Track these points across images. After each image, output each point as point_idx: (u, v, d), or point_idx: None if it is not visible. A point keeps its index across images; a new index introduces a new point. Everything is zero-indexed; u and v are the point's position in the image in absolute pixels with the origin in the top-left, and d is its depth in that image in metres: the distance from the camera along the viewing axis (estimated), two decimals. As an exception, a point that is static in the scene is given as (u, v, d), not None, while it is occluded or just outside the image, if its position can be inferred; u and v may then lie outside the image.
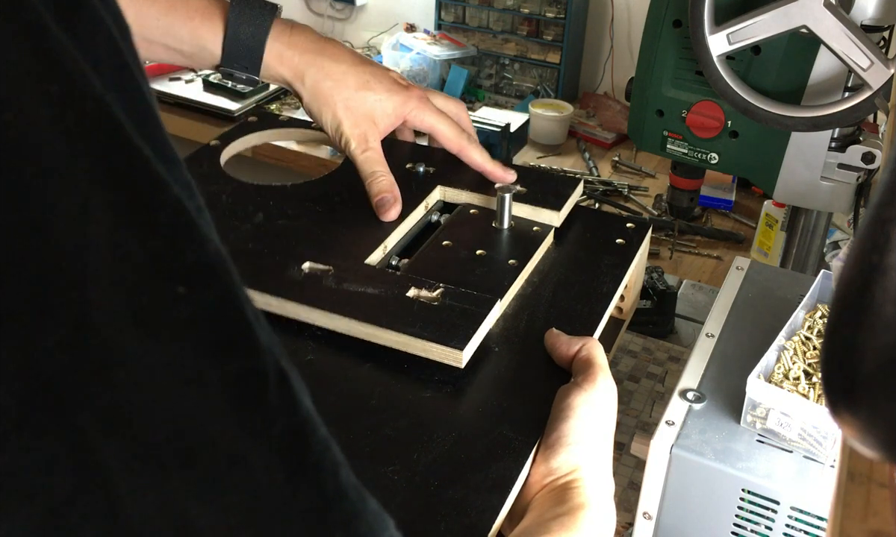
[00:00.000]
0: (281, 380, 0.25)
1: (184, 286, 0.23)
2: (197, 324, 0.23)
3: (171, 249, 0.23)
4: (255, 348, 0.25)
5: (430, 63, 2.05)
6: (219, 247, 0.25)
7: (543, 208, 0.75)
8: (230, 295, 0.25)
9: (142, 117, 0.25)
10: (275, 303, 0.63)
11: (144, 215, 0.23)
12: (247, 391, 0.24)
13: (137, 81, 0.25)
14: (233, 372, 0.24)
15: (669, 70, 1.03)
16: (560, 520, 0.49)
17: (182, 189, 0.25)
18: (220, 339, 0.24)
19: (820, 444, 0.66)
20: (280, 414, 0.25)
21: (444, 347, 0.57)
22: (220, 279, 0.24)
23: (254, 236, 0.71)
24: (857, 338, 0.24)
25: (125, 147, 0.23)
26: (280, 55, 0.73)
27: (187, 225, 0.24)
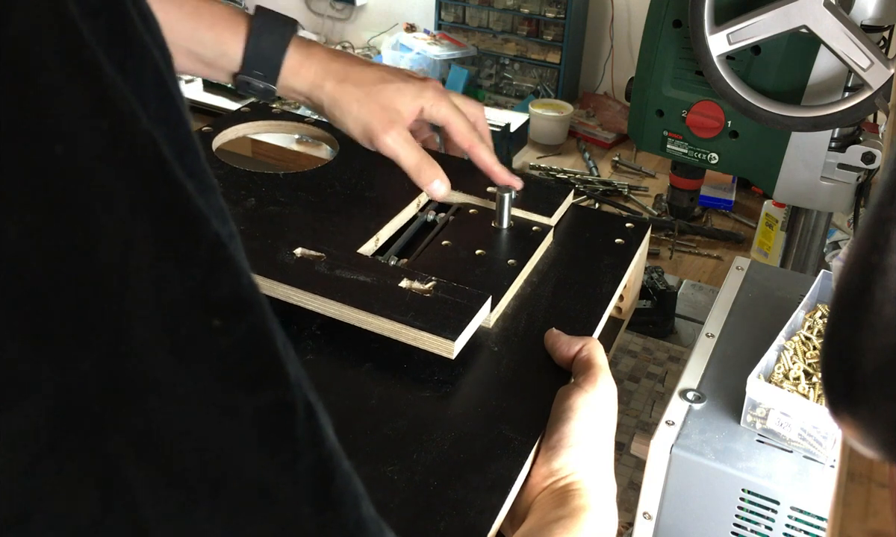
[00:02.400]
0: (309, 414, 0.26)
1: (219, 319, 0.24)
2: (230, 355, 0.24)
3: (208, 282, 0.24)
4: (285, 381, 0.25)
5: (430, 63, 2.05)
6: (252, 281, 0.25)
7: (534, 213, 0.76)
8: (262, 328, 0.25)
9: (183, 147, 0.25)
10: (266, 285, 0.63)
11: (185, 248, 0.24)
12: (277, 423, 0.25)
13: (180, 111, 0.26)
14: (264, 404, 0.24)
15: (669, 70, 1.03)
16: (562, 522, 0.49)
17: (216, 216, 0.25)
18: (253, 371, 0.24)
19: (820, 444, 0.66)
20: (308, 448, 0.25)
21: (436, 337, 0.57)
22: (253, 312, 0.25)
23: (245, 220, 0.71)
24: (857, 338, 0.24)
25: (170, 182, 0.24)
26: (299, 64, 0.75)
27: (225, 259, 0.25)
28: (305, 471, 0.25)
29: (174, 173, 0.24)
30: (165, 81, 0.25)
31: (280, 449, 0.25)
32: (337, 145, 0.87)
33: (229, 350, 0.24)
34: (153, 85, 0.25)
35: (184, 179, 0.24)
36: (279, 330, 0.26)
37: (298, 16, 2.49)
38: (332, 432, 0.27)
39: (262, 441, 0.24)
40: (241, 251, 0.27)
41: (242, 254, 0.27)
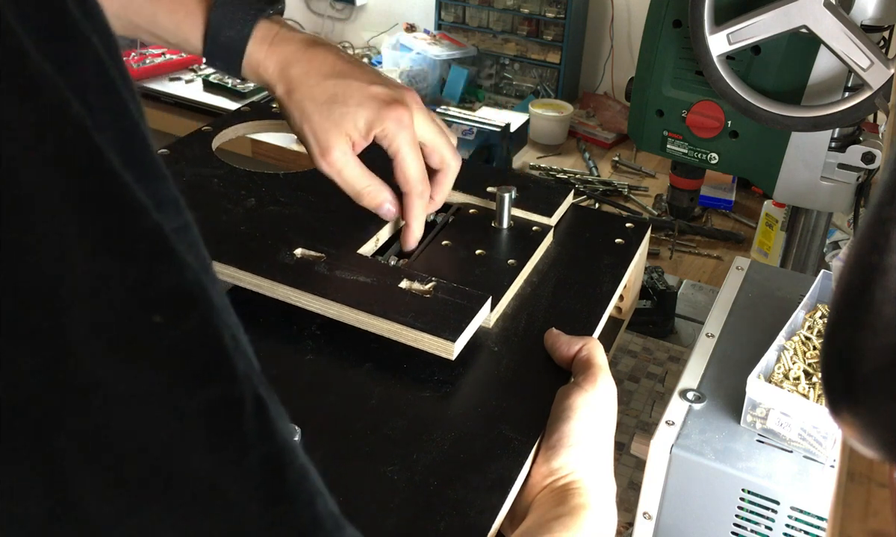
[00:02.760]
0: (258, 408, 0.25)
1: (161, 314, 0.23)
2: (173, 352, 0.23)
3: (148, 277, 0.23)
4: (231, 376, 0.25)
5: (430, 63, 2.05)
6: (198, 274, 0.25)
7: (534, 214, 0.76)
8: (208, 322, 0.24)
9: (128, 136, 0.25)
10: (266, 286, 0.63)
11: (122, 243, 0.23)
12: (223, 419, 0.24)
13: (125, 100, 0.25)
14: (209, 400, 0.24)
15: (669, 70, 1.03)
16: (561, 521, 0.49)
17: (168, 206, 0.25)
18: (197, 367, 0.24)
19: (820, 444, 0.66)
20: (256, 443, 0.25)
21: (436, 338, 0.58)
22: (197, 307, 0.24)
23: (246, 220, 0.71)
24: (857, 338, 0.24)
25: (104, 173, 0.23)
26: (257, 64, 0.70)
27: (166, 252, 0.24)
28: (254, 467, 0.25)
29: (109, 164, 0.23)
30: (107, 69, 0.25)
31: (227, 445, 0.24)
32: None
33: (172, 346, 0.23)
34: (93, 73, 0.24)
35: (121, 170, 0.23)
36: (230, 321, 0.25)
37: (298, 16, 2.49)
38: (286, 427, 0.26)
39: (209, 437, 0.24)
40: (196, 242, 0.26)
41: (198, 247, 0.26)
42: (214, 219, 0.70)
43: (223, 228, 0.69)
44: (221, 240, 0.67)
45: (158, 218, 0.24)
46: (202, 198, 0.73)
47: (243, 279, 0.64)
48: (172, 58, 2.01)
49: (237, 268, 0.64)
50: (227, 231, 0.69)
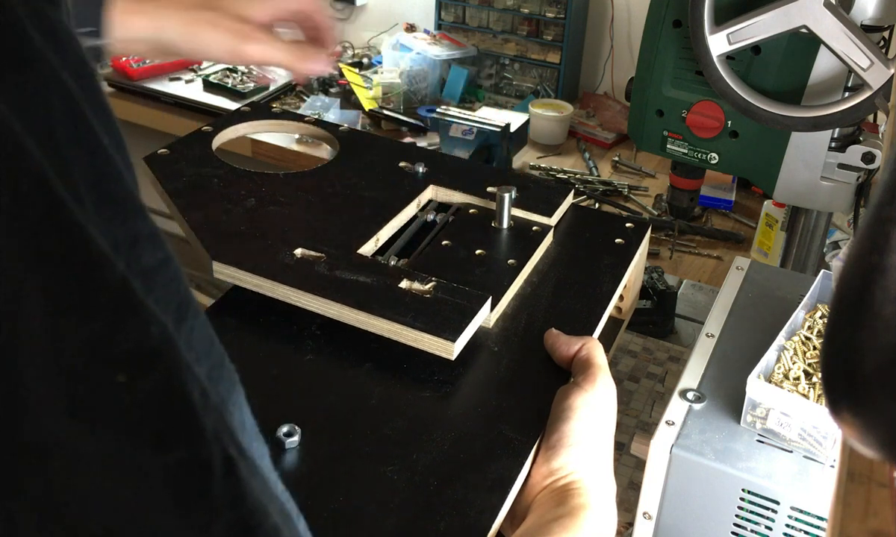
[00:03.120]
0: (227, 471, 0.24)
1: (123, 373, 0.22)
2: (136, 412, 0.22)
3: (109, 334, 0.22)
4: (198, 437, 0.23)
5: (431, 63, 2.05)
6: (165, 328, 0.23)
7: (534, 214, 0.76)
8: (173, 380, 0.23)
9: (100, 175, 0.24)
10: (266, 285, 0.63)
11: (82, 299, 0.22)
12: (189, 483, 0.23)
13: (97, 137, 0.24)
14: (174, 463, 0.23)
15: (669, 70, 1.03)
16: (561, 521, 0.49)
17: (144, 242, 0.24)
18: (161, 428, 0.23)
19: (820, 444, 0.66)
20: (225, 507, 0.24)
21: (436, 338, 0.58)
22: (162, 364, 0.23)
23: (246, 220, 0.71)
24: (857, 338, 0.24)
25: (64, 226, 0.22)
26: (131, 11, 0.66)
27: (130, 307, 0.23)
28: (221, 534, 0.23)
29: (70, 215, 0.22)
30: (77, 105, 0.23)
31: (193, 510, 0.23)
32: (337, 145, 0.87)
33: (134, 406, 0.22)
34: (62, 110, 0.23)
35: (83, 220, 0.22)
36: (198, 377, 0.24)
37: (298, 16, 2.49)
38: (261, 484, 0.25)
39: (174, 502, 0.23)
40: (175, 278, 0.25)
41: (178, 282, 0.25)
42: (215, 220, 0.70)
43: (223, 228, 0.69)
44: (222, 241, 0.67)
45: (124, 270, 0.23)
46: (202, 199, 0.73)
47: (243, 279, 0.64)
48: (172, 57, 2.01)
49: (237, 268, 0.64)
50: (227, 231, 0.69)
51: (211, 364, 0.25)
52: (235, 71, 2.00)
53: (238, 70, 2.01)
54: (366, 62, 2.23)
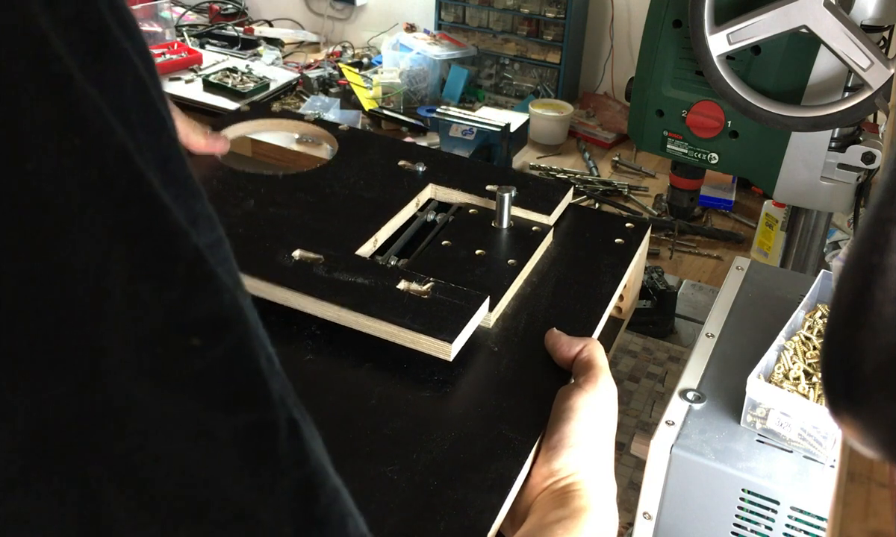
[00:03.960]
0: (292, 432, 0.25)
1: (197, 338, 0.23)
2: (208, 376, 0.23)
3: (186, 302, 0.23)
4: (266, 400, 0.25)
5: (430, 63, 2.05)
6: (235, 297, 0.25)
7: (533, 212, 0.76)
8: (244, 346, 0.24)
9: (165, 155, 0.25)
10: (264, 289, 0.63)
11: (161, 268, 0.23)
12: (257, 444, 0.24)
13: (163, 118, 0.25)
14: (243, 425, 0.24)
15: (669, 70, 1.03)
16: (562, 523, 0.49)
17: (203, 222, 0.25)
18: (231, 392, 0.24)
19: (820, 444, 0.66)
20: (290, 468, 0.25)
21: (434, 339, 0.57)
22: (233, 331, 0.24)
23: (244, 222, 0.71)
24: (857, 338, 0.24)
25: (146, 199, 0.23)
26: None
27: (204, 276, 0.24)
28: (287, 492, 0.24)
29: (151, 189, 0.23)
30: (147, 89, 0.25)
31: (261, 470, 0.24)
32: (336, 144, 0.87)
33: (207, 370, 0.23)
34: (134, 94, 0.24)
35: (162, 194, 0.23)
36: (264, 343, 0.25)
37: (298, 16, 2.50)
38: (319, 447, 0.26)
39: (243, 462, 0.24)
40: (228, 257, 0.26)
41: (230, 262, 0.26)
42: None
43: None
44: None
45: (197, 240, 0.24)
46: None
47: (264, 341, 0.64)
48: (172, 58, 2.01)
49: None
50: (225, 233, 0.69)
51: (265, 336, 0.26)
52: (235, 71, 2.00)
53: (238, 70, 2.01)
54: (366, 62, 2.22)
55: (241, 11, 2.46)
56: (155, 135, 0.25)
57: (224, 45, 2.23)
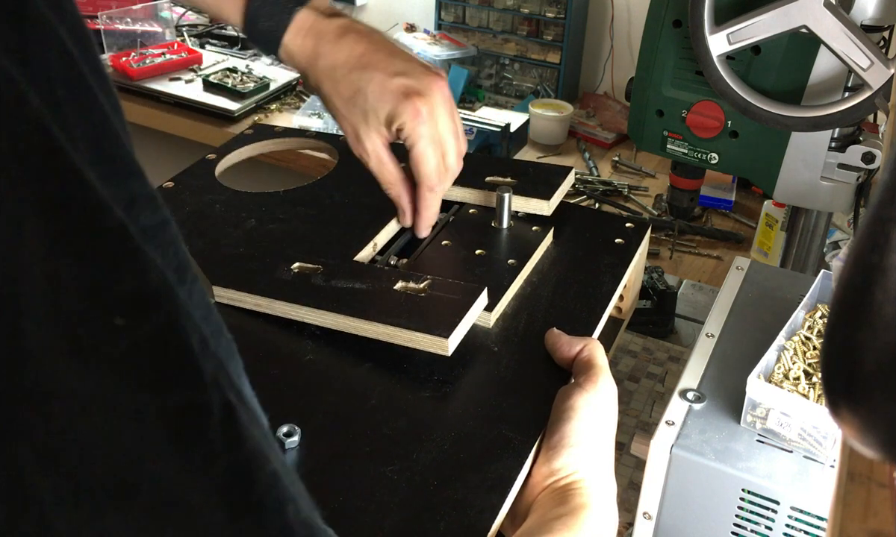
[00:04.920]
0: (225, 415, 0.24)
1: (122, 316, 0.22)
2: (135, 355, 0.23)
3: (109, 278, 0.22)
4: (197, 380, 0.24)
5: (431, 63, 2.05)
6: (164, 274, 0.24)
7: (533, 198, 0.75)
8: (172, 324, 0.24)
9: (98, 132, 0.24)
10: (264, 304, 0.63)
11: (82, 242, 0.22)
12: (187, 426, 0.23)
13: (94, 95, 0.24)
14: (172, 406, 0.23)
15: (669, 70, 1.03)
16: (562, 521, 0.49)
17: (142, 202, 0.24)
18: (159, 372, 0.23)
19: (820, 444, 0.66)
20: (222, 451, 0.24)
21: (430, 336, 0.58)
22: (161, 308, 0.23)
23: (245, 241, 0.72)
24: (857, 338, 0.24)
25: (64, 170, 0.22)
26: (291, 55, 0.72)
27: (128, 252, 0.23)
28: (220, 475, 0.24)
29: (69, 161, 0.22)
30: (74, 62, 0.24)
31: (191, 452, 0.23)
32: (336, 155, 0.87)
33: (133, 349, 0.23)
34: (59, 66, 0.23)
35: (84, 167, 0.22)
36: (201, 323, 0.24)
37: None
38: (260, 431, 0.25)
39: (172, 445, 0.23)
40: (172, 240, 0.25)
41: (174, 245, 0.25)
42: (215, 244, 0.71)
43: (223, 252, 0.70)
44: (221, 264, 0.68)
45: (122, 216, 0.23)
46: (204, 225, 0.74)
47: (243, 300, 0.64)
48: (172, 58, 2.01)
49: (235, 290, 0.64)
50: (226, 254, 0.70)
51: (210, 329, 0.25)
52: (235, 71, 2.00)
53: (238, 70, 2.01)
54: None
55: (241, 11, 2.46)
56: (85, 111, 0.24)
57: (224, 45, 2.23)
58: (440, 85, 0.70)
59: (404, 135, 0.69)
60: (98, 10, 2.05)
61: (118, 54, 1.98)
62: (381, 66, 0.69)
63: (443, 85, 0.70)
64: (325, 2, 0.73)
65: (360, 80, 0.69)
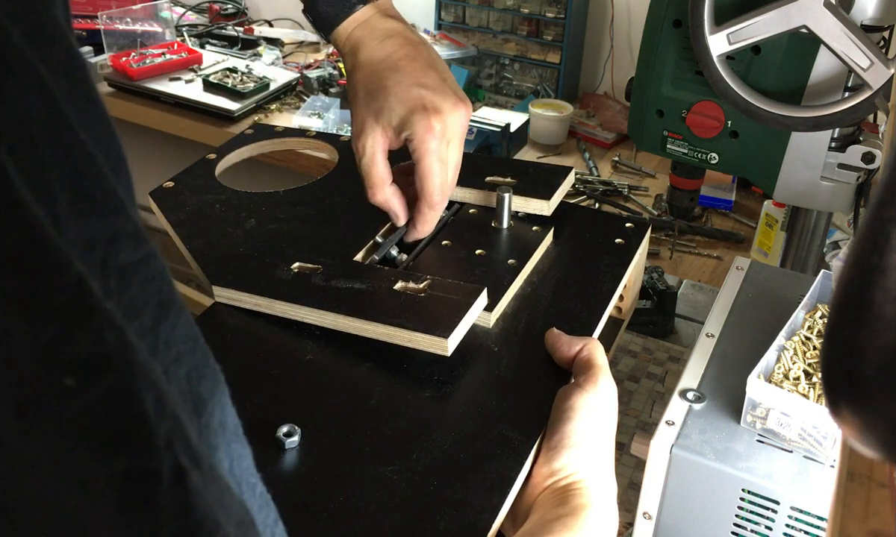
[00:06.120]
0: (176, 480, 0.23)
1: (73, 378, 0.22)
2: (84, 418, 0.22)
3: (62, 339, 0.22)
4: (147, 445, 0.23)
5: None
6: (122, 334, 0.23)
7: (533, 198, 0.75)
8: (126, 387, 0.23)
9: (77, 171, 0.23)
10: (264, 304, 0.63)
11: (34, 302, 0.22)
12: (135, 493, 0.23)
13: (75, 133, 0.24)
14: (120, 471, 0.22)
15: (669, 70, 1.03)
16: (563, 521, 0.49)
17: (125, 239, 0.24)
18: (108, 436, 0.22)
19: (820, 444, 0.66)
20: (170, 517, 0.23)
21: (430, 336, 0.58)
22: (115, 370, 0.23)
23: (245, 241, 0.72)
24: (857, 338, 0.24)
25: (22, 226, 0.21)
26: (338, 38, 0.73)
27: (84, 312, 0.22)
28: None
29: (28, 215, 0.21)
30: (55, 103, 0.23)
31: (138, 519, 0.22)
32: (336, 155, 0.87)
33: (83, 412, 0.22)
34: (38, 105, 0.23)
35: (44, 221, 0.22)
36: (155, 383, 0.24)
37: (299, 16, 2.50)
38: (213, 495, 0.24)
39: (119, 512, 0.22)
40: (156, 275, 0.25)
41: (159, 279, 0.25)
42: (215, 244, 0.71)
43: (223, 252, 0.70)
44: (221, 264, 0.68)
45: (82, 271, 0.22)
46: (204, 225, 0.74)
47: (242, 299, 0.64)
48: (172, 58, 2.01)
49: (235, 290, 0.64)
50: (226, 254, 0.70)
51: (193, 363, 0.25)
52: (235, 71, 2.00)
53: (238, 70, 2.01)
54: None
55: (241, 11, 2.46)
56: (64, 151, 0.23)
57: (224, 45, 2.23)
58: (462, 113, 0.70)
59: (413, 146, 0.68)
60: (98, 10, 2.05)
61: (118, 54, 1.98)
62: (413, 74, 0.70)
63: (464, 114, 0.70)
64: (388, 1, 0.74)
65: (388, 78, 0.69)
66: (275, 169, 1.83)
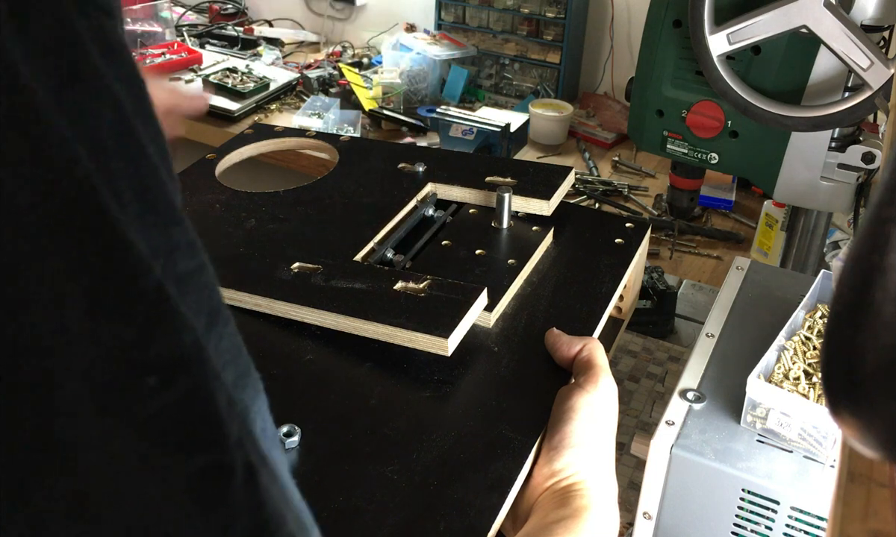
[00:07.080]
0: (247, 477, 0.25)
1: (153, 378, 0.23)
2: (163, 417, 0.23)
3: (143, 341, 0.23)
4: (221, 443, 0.24)
5: (430, 63, 2.05)
6: (197, 337, 0.24)
7: (533, 198, 0.75)
8: (201, 388, 0.24)
9: (144, 183, 0.24)
10: (264, 304, 0.63)
11: (120, 306, 0.23)
12: (210, 487, 0.24)
13: (143, 146, 0.25)
14: (196, 468, 0.24)
15: (669, 70, 1.03)
16: (563, 523, 0.49)
17: (183, 249, 0.25)
18: (186, 434, 0.24)
19: (820, 444, 0.66)
20: (243, 513, 0.24)
21: (429, 336, 0.57)
22: (191, 372, 0.24)
23: (245, 241, 0.72)
24: (857, 338, 0.24)
25: (107, 233, 0.23)
26: None
27: (165, 315, 0.24)
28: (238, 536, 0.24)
29: (113, 222, 0.23)
30: (125, 116, 0.24)
31: (212, 514, 0.24)
32: (336, 155, 0.87)
33: (162, 411, 0.23)
34: (110, 121, 0.24)
35: (127, 227, 0.23)
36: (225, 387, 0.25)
37: (298, 16, 2.50)
38: (279, 491, 0.26)
39: (195, 505, 0.23)
40: (208, 284, 0.26)
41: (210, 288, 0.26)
42: (216, 244, 0.71)
43: (223, 252, 0.70)
44: (222, 264, 0.68)
45: (160, 276, 0.24)
46: (204, 225, 0.74)
47: (242, 299, 0.64)
48: (172, 58, 2.01)
49: (236, 290, 0.64)
50: (226, 254, 0.70)
51: (238, 372, 0.26)
52: (235, 71, 2.00)
53: (238, 70, 2.01)
54: (366, 62, 2.22)
55: (241, 11, 2.46)
56: (133, 163, 0.24)
57: (224, 45, 2.23)
58: None
59: None
60: (98, 10, 2.05)
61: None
62: None
63: None
64: None
65: None
66: (275, 169, 1.82)
